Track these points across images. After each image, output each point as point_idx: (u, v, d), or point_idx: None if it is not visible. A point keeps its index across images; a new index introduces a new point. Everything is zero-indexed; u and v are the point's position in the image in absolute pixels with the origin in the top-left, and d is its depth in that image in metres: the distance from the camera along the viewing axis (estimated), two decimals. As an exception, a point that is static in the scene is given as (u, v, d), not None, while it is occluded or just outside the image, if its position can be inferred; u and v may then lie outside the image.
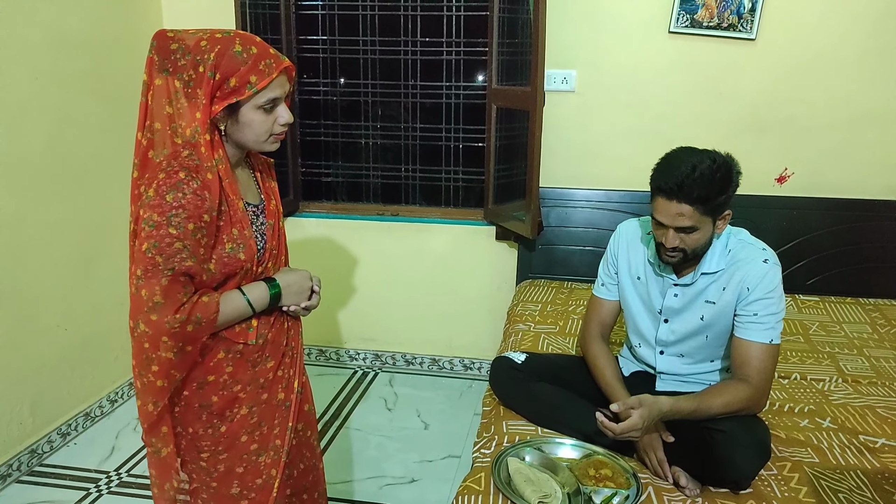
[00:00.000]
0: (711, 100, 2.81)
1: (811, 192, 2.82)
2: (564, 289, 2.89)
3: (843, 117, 2.75)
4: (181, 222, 1.20)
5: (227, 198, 1.28)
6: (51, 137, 2.49)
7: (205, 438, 1.36)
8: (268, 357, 1.41)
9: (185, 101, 1.23)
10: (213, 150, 1.25)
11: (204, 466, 1.38)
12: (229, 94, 1.23)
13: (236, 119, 1.27)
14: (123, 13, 2.83)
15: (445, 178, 3.25)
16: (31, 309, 2.45)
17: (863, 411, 1.92)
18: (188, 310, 1.21)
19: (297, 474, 1.53)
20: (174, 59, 1.23)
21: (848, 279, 2.82)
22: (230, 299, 1.30)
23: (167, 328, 1.19)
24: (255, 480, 1.41)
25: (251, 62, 1.22)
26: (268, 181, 1.48)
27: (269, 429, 1.42)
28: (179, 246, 1.20)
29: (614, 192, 2.92)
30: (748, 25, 2.68)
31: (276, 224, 1.43)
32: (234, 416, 1.37)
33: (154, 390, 1.25)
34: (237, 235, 1.30)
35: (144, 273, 1.20)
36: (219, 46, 1.21)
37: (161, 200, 1.20)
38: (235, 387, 1.36)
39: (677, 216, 1.58)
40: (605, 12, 2.79)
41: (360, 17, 3.12)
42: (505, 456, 1.59)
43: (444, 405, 3.01)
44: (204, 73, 1.21)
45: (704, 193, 1.55)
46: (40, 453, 2.51)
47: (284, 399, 1.45)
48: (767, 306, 1.64)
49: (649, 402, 1.53)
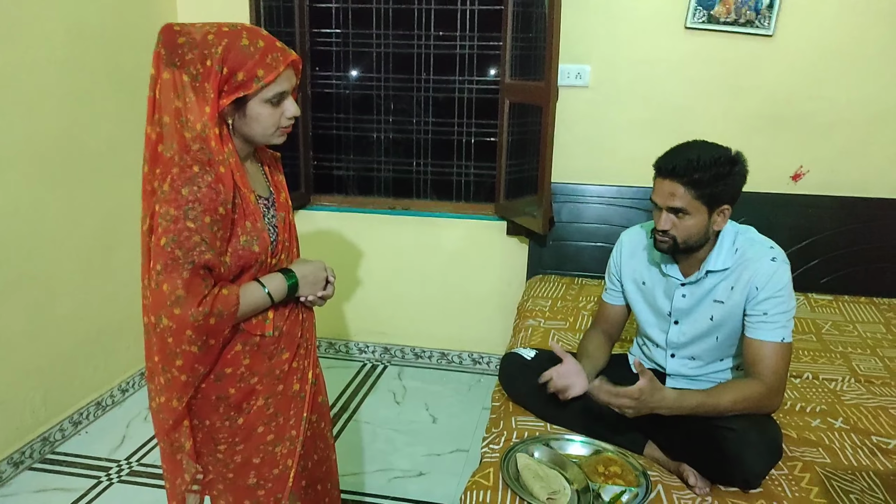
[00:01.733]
0: (727, 96, 2.78)
1: (826, 190, 2.79)
2: (575, 285, 2.88)
3: (860, 115, 2.72)
4: (198, 216, 1.20)
5: (240, 191, 1.29)
6: (68, 127, 2.50)
7: (222, 430, 1.37)
8: (283, 349, 1.42)
9: (194, 94, 1.23)
10: (223, 144, 1.26)
11: (220, 458, 1.39)
12: (237, 89, 1.23)
13: (244, 113, 1.28)
14: (139, 4, 2.84)
15: (457, 172, 3.24)
16: (46, 298, 2.47)
17: (875, 412, 1.90)
18: (210, 302, 1.22)
19: (312, 465, 1.54)
20: (181, 52, 1.23)
21: (862, 278, 2.79)
22: (249, 291, 1.31)
23: (191, 321, 1.20)
24: (271, 471, 1.42)
25: (258, 56, 1.23)
26: (276, 174, 1.49)
27: (285, 419, 1.43)
28: (198, 239, 1.20)
29: (627, 188, 2.90)
30: (766, 21, 2.65)
31: (287, 216, 1.45)
32: (251, 407, 1.38)
33: (178, 385, 1.26)
34: (250, 228, 1.30)
35: (165, 268, 1.20)
36: (226, 40, 1.21)
37: (177, 195, 1.20)
38: (252, 379, 1.37)
39: (669, 195, 1.60)
40: (620, 7, 2.77)
41: (374, 11, 3.11)
42: (514, 451, 1.59)
43: (453, 399, 3.01)
44: (212, 68, 1.21)
45: (698, 177, 1.56)
46: (52, 441, 2.54)
47: (300, 390, 1.46)
48: (777, 305, 1.62)
49: (656, 385, 1.51)
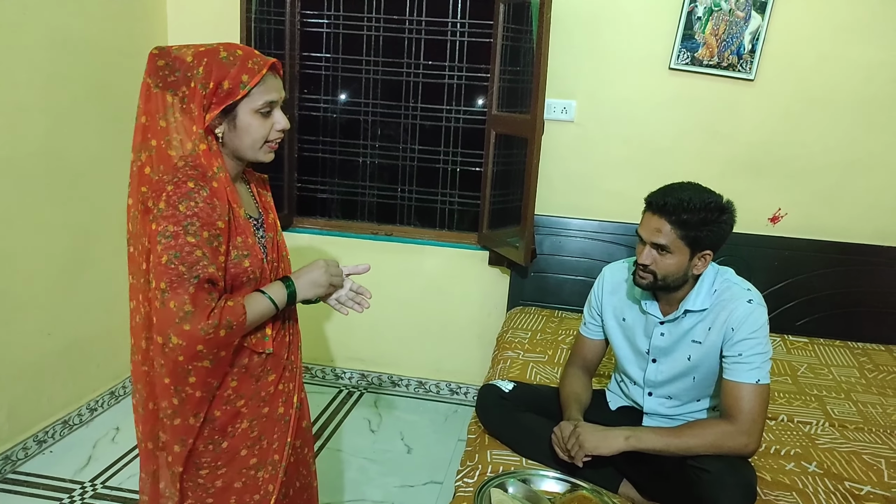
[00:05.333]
0: (708, 137, 2.84)
1: (804, 233, 2.84)
2: (555, 317, 2.88)
3: (837, 161, 2.78)
4: (197, 230, 1.20)
5: (231, 206, 1.29)
6: (46, 140, 2.47)
7: (205, 454, 1.34)
8: (269, 370, 1.40)
9: (181, 115, 1.25)
10: (213, 158, 1.26)
11: (201, 483, 1.36)
12: (225, 98, 1.24)
13: (234, 124, 1.29)
14: (128, 22, 2.83)
15: (441, 200, 3.25)
16: (15, 312, 2.41)
17: (849, 457, 1.91)
18: (218, 315, 1.21)
19: (293, 493, 1.51)
20: (163, 75, 1.25)
21: (837, 322, 2.83)
22: (254, 300, 1.31)
23: (202, 335, 1.19)
24: (252, 496, 1.39)
25: (239, 63, 1.25)
26: (264, 195, 1.49)
27: (269, 443, 1.41)
28: (200, 254, 1.20)
29: (609, 223, 2.93)
30: (747, 66, 2.72)
31: (275, 237, 1.45)
32: (236, 430, 1.36)
33: (194, 402, 1.26)
34: (241, 243, 1.30)
35: (170, 285, 1.18)
36: (206, 59, 1.24)
37: (174, 211, 1.20)
38: (239, 401, 1.35)
39: (655, 231, 1.62)
40: (607, 45, 2.82)
41: (365, 37, 3.14)
42: (488, 486, 1.57)
43: (429, 429, 2.98)
44: (195, 88, 1.23)
45: (686, 217, 1.59)
46: (14, 460, 2.46)
47: (284, 413, 1.44)
48: (752, 346, 1.63)
49: (588, 427, 1.63)
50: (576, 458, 1.60)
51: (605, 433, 1.61)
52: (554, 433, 1.70)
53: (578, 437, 1.61)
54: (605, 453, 1.59)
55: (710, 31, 2.70)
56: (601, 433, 1.61)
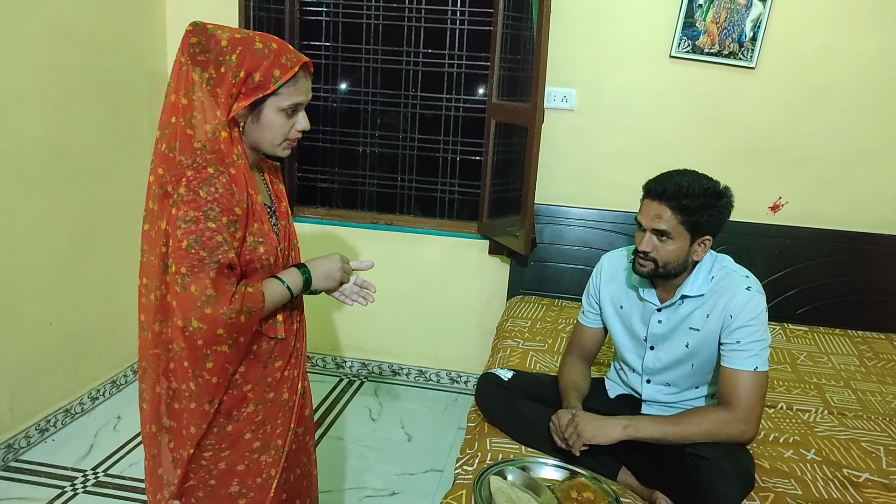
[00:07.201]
0: (709, 126, 2.83)
1: (804, 222, 2.84)
2: (555, 306, 2.88)
3: (838, 150, 2.77)
4: (217, 216, 1.21)
5: (248, 193, 1.29)
6: (46, 131, 2.47)
7: (209, 437, 1.35)
8: (276, 356, 1.41)
9: (204, 96, 1.24)
10: (234, 146, 1.26)
11: (204, 465, 1.37)
12: (255, 90, 1.24)
13: (258, 118, 1.29)
14: (127, 12, 2.82)
15: (441, 189, 3.25)
16: (16, 302, 2.42)
17: (847, 444, 1.91)
18: (240, 300, 1.22)
19: (294, 479, 1.52)
20: (193, 52, 1.24)
21: (837, 310, 2.83)
22: (270, 286, 1.31)
23: (223, 319, 1.19)
24: (255, 479, 1.40)
25: (273, 57, 1.24)
26: (276, 184, 1.49)
27: (273, 428, 1.42)
28: (220, 239, 1.21)
29: (609, 212, 2.93)
30: (748, 54, 2.71)
31: (287, 225, 1.45)
32: (241, 414, 1.37)
33: (210, 388, 1.26)
34: (257, 230, 1.30)
35: (191, 269, 1.19)
36: (240, 47, 1.23)
37: (195, 196, 1.20)
38: (245, 386, 1.36)
39: (655, 217, 1.62)
40: (607, 33, 2.81)
41: (364, 26, 3.12)
42: (487, 474, 1.58)
43: (429, 418, 2.99)
44: (226, 74, 1.22)
45: (686, 203, 1.59)
46: (17, 448, 2.47)
47: (288, 399, 1.45)
48: (750, 334, 1.63)
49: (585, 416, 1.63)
50: (573, 447, 1.61)
51: (602, 422, 1.62)
52: (552, 422, 1.70)
53: (576, 426, 1.62)
54: (603, 442, 1.59)
55: (711, 18, 2.69)
56: (599, 422, 1.62)
